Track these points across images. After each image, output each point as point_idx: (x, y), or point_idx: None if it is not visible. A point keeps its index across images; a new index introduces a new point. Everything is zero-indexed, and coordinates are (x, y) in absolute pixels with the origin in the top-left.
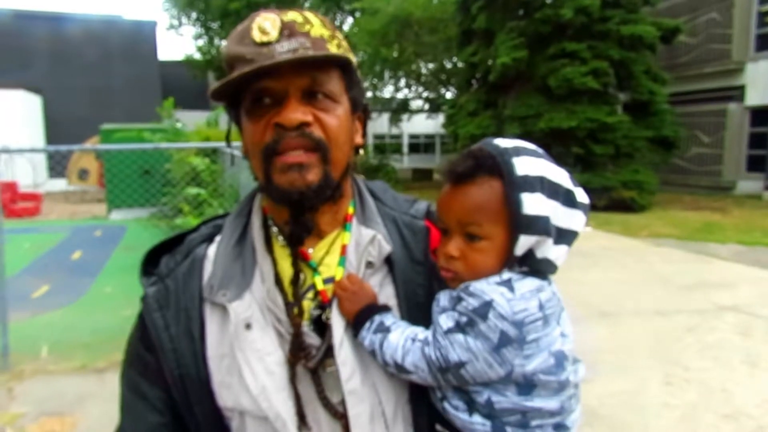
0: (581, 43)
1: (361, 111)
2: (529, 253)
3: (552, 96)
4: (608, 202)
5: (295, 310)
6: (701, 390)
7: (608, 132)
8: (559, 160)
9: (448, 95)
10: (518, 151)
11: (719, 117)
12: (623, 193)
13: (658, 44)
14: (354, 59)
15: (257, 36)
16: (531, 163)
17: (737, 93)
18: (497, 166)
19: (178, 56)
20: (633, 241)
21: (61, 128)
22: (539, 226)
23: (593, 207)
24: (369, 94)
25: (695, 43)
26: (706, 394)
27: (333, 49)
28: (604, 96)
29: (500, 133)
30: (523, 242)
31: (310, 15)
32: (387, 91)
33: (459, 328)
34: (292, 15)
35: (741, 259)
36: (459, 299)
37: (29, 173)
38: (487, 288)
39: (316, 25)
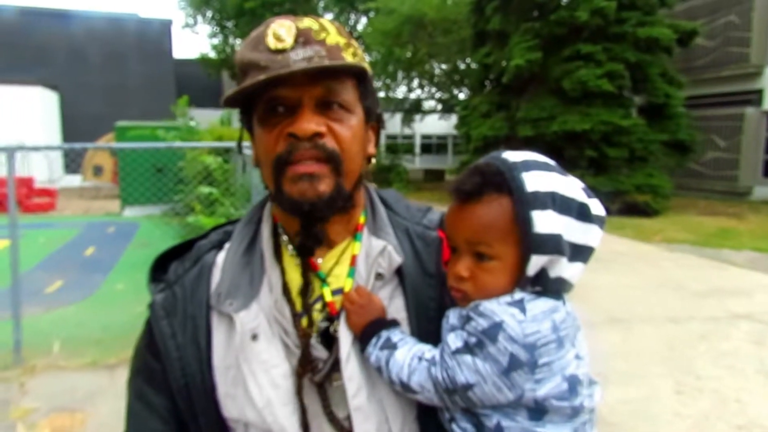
0: (596, 45)
1: (374, 120)
2: (542, 273)
3: (566, 98)
4: (622, 206)
5: (305, 322)
6: (714, 399)
7: (622, 135)
8: (572, 163)
9: (461, 96)
10: (527, 166)
11: (736, 121)
12: (637, 197)
13: (674, 47)
14: (369, 68)
15: (272, 43)
16: (541, 178)
17: (755, 97)
18: (505, 183)
19: (193, 55)
20: (646, 246)
21: (77, 125)
22: (551, 245)
23: (606, 211)
24: (382, 94)
25: (713, 46)
26: (719, 403)
27: (348, 57)
28: (618, 99)
29: (513, 135)
30: (535, 262)
31: (326, 22)
32: (400, 92)
33: (468, 348)
34: (308, 22)
35: (756, 266)
36: (468, 318)
37: (45, 169)
38: (498, 308)
39: (332, 33)
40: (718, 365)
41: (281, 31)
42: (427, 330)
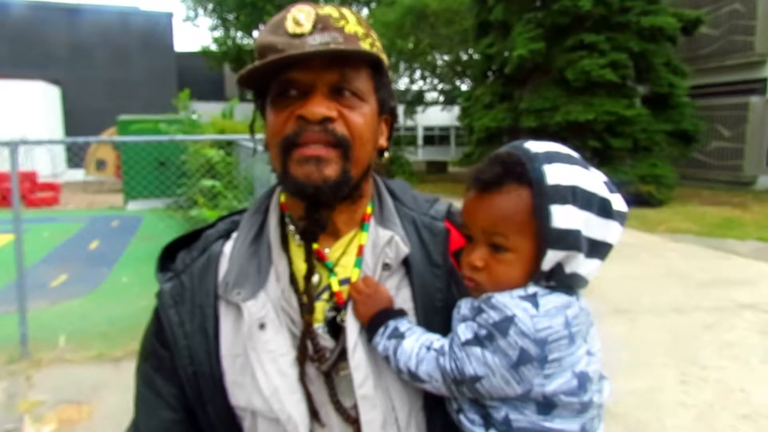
0: (600, 35)
1: (388, 114)
2: (558, 268)
3: (569, 88)
4: (625, 197)
5: (318, 311)
6: (718, 389)
7: (626, 125)
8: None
9: (464, 87)
10: (550, 158)
11: (741, 110)
12: (641, 187)
13: (678, 36)
14: (385, 60)
15: (291, 27)
16: (563, 171)
17: (760, 86)
18: (526, 174)
19: (195, 48)
20: (650, 237)
21: (79, 119)
22: (569, 240)
23: None
24: None
25: (717, 35)
26: (724, 393)
27: (365, 47)
28: (622, 88)
29: (516, 126)
30: (551, 257)
31: (346, 11)
32: (402, 83)
33: (477, 340)
34: (328, 9)
35: (761, 255)
36: (480, 310)
37: (48, 163)
38: (510, 302)
39: (352, 22)
40: (723, 355)
41: (300, 16)
42: (433, 321)
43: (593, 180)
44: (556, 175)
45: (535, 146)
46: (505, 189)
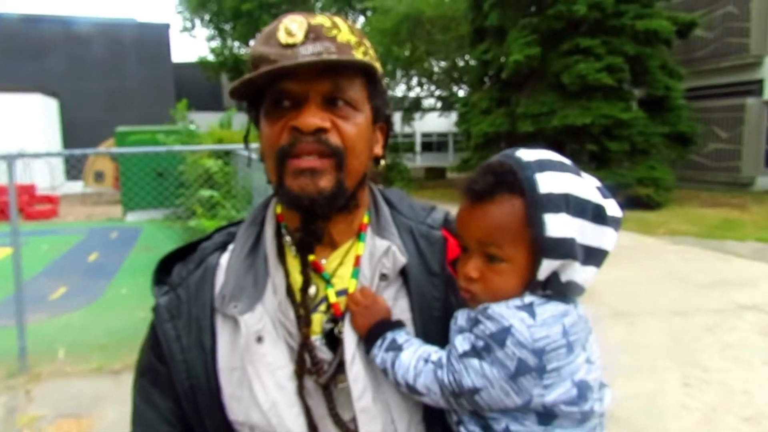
0: (595, 39)
1: (383, 121)
2: (553, 277)
3: (566, 93)
4: (624, 200)
5: (315, 324)
6: (721, 391)
7: (623, 128)
8: (573, 157)
9: (461, 93)
10: (542, 166)
11: (737, 112)
12: (639, 190)
13: (673, 39)
14: (379, 68)
15: (283, 37)
16: (555, 179)
17: (755, 87)
18: (518, 183)
19: (192, 58)
20: (649, 239)
21: (77, 131)
22: (563, 249)
23: None
24: None
25: (712, 37)
26: (726, 395)
27: (359, 55)
28: (618, 92)
29: (513, 131)
30: (546, 266)
31: (338, 20)
32: (399, 90)
33: (475, 352)
34: (320, 19)
35: (761, 256)
36: (477, 321)
37: (46, 176)
38: (507, 312)
39: (344, 31)
40: (725, 357)
41: (292, 26)
42: (432, 330)
43: (586, 187)
44: (548, 183)
45: (527, 154)
46: (497, 199)
